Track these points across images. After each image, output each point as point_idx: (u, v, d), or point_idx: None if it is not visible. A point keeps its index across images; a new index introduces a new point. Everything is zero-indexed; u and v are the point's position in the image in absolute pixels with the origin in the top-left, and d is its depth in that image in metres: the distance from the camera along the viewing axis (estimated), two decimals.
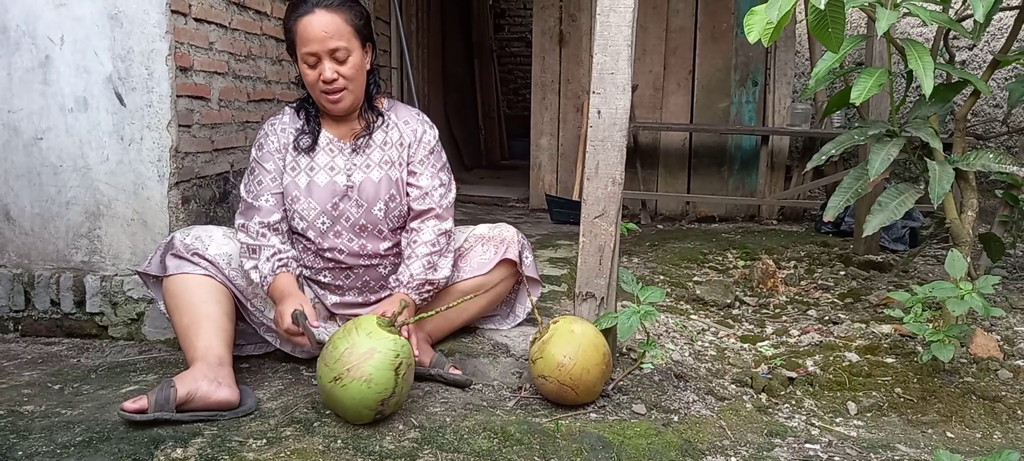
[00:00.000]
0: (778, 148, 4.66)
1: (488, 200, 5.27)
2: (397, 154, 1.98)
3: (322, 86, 1.87)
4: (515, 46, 8.86)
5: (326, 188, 1.94)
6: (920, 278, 3.07)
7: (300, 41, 1.86)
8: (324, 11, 1.84)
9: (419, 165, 1.98)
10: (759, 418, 1.84)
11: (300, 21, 1.85)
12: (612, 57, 1.88)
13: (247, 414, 1.69)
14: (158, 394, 1.60)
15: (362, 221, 1.95)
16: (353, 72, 1.89)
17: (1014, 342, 2.23)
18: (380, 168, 1.96)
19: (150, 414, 1.58)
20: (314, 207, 1.93)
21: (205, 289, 1.85)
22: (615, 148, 1.90)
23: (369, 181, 1.95)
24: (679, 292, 2.90)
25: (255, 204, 1.91)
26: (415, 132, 2.00)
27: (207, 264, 1.88)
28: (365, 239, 1.97)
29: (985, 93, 2.13)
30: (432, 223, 1.96)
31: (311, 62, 1.86)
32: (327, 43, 1.84)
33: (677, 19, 4.65)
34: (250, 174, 1.95)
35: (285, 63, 2.86)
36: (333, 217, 1.94)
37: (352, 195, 1.95)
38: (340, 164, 1.96)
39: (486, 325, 2.18)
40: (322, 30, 1.83)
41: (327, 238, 1.95)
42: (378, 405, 1.60)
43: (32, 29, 2.15)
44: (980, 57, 4.61)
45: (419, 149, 1.99)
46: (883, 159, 2.04)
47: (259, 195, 1.92)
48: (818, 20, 1.86)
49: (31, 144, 2.20)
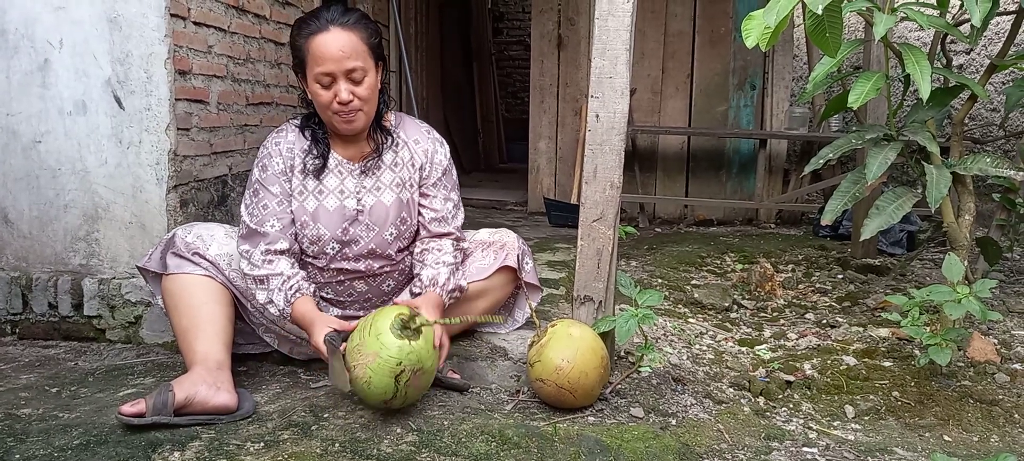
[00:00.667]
0: (776, 152, 4.67)
1: (486, 203, 5.27)
2: (408, 174, 1.95)
3: (337, 107, 1.79)
4: (513, 50, 8.88)
5: (336, 213, 1.89)
6: (918, 282, 3.07)
7: (313, 60, 1.77)
8: (340, 29, 1.76)
9: (432, 188, 1.96)
10: (757, 422, 1.84)
11: (313, 39, 1.76)
12: (610, 61, 1.89)
13: (244, 418, 1.68)
14: (156, 398, 1.60)
15: (371, 245, 1.92)
16: (368, 93, 1.81)
17: (1011, 346, 2.23)
18: (391, 190, 1.93)
19: (148, 418, 1.57)
20: (324, 233, 1.88)
21: (205, 290, 1.83)
22: (613, 152, 1.90)
23: (380, 204, 1.92)
24: (677, 295, 2.90)
25: (260, 230, 1.84)
26: (426, 152, 1.97)
27: (208, 264, 1.86)
28: (371, 260, 1.95)
29: (982, 97, 2.13)
30: (450, 243, 1.98)
31: (325, 82, 1.77)
32: (344, 63, 1.75)
33: (675, 23, 4.66)
34: (253, 196, 1.88)
35: (284, 67, 2.87)
36: (343, 242, 1.90)
37: (363, 219, 1.91)
38: (350, 187, 1.91)
39: (484, 329, 2.18)
40: (339, 49, 1.75)
41: (335, 261, 1.93)
42: (382, 404, 1.64)
43: (31, 32, 2.15)
44: (977, 61, 4.62)
45: (432, 171, 1.97)
46: (881, 163, 2.04)
47: (264, 221, 1.85)
48: (816, 25, 1.87)
49: (30, 147, 2.20)
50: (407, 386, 1.62)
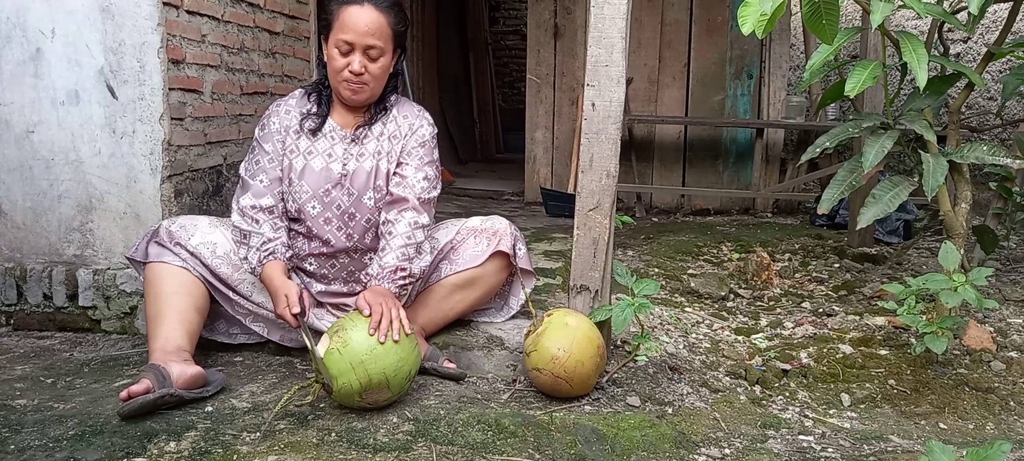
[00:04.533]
0: (773, 141, 4.66)
1: (483, 193, 5.26)
2: (390, 146, 1.98)
3: (347, 75, 1.87)
4: (510, 39, 8.84)
5: (321, 173, 1.94)
6: (914, 270, 3.08)
7: (339, 27, 1.86)
8: (373, 7, 1.86)
9: (406, 156, 1.98)
10: (753, 410, 1.84)
11: (347, 8, 1.85)
12: (606, 50, 1.88)
13: (223, 388, 1.78)
14: (154, 376, 1.62)
15: (351, 209, 1.95)
16: (380, 72, 1.90)
17: (1007, 334, 2.24)
18: (373, 158, 1.96)
19: (156, 393, 1.59)
20: (306, 190, 1.93)
21: (177, 281, 1.87)
22: (610, 141, 1.90)
23: (362, 170, 1.95)
24: (674, 285, 2.90)
25: (250, 182, 1.92)
26: (411, 125, 1.99)
27: (188, 255, 1.90)
28: (352, 229, 1.96)
29: (979, 86, 2.13)
30: (409, 215, 1.91)
31: (344, 49, 1.86)
32: (366, 39, 1.85)
33: (672, 12, 4.64)
34: (250, 153, 1.97)
35: (278, 56, 2.85)
36: (324, 203, 1.94)
37: (345, 183, 1.95)
38: (338, 152, 1.96)
39: (480, 318, 2.18)
40: (366, 25, 1.84)
41: (317, 223, 1.95)
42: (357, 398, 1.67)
43: (23, 21, 2.13)
44: (974, 49, 4.62)
45: (410, 140, 1.98)
46: (877, 152, 2.04)
47: (255, 174, 1.93)
48: (812, 12, 1.86)
49: (22, 137, 2.19)
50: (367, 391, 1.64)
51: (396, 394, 1.69)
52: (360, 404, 1.66)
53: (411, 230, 1.90)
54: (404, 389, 1.71)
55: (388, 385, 1.64)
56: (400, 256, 1.87)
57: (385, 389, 1.64)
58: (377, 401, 1.66)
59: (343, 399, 1.65)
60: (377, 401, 1.66)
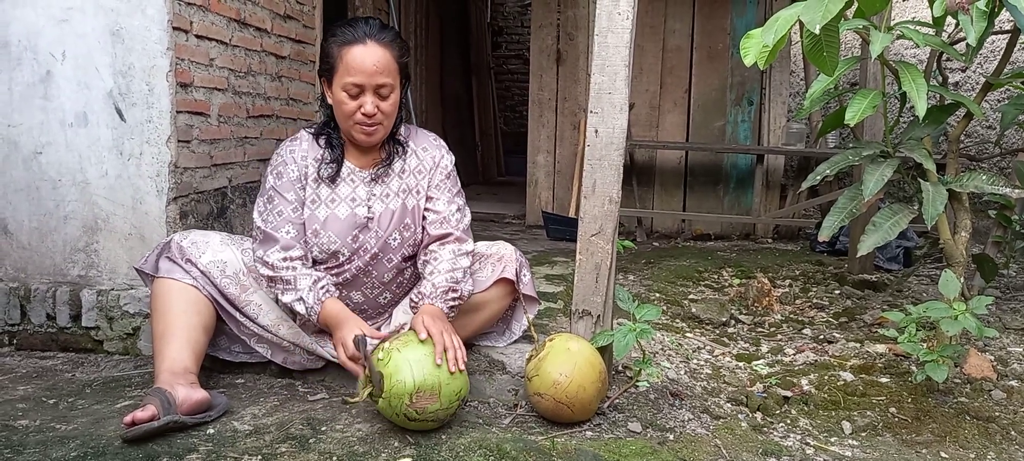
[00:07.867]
0: (773, 167, 4.69)
1: (485, 216, 5.28)
2: (415, 181, 1.98)
3: (360, 118, 1.85)
4: (512, 64, 8.92)
5: (347, 220, 1.93)
6: (914, 298, 3.08)
7: (344, 69, 1.82)
8: (376, 44, 1.83)
9: (435, 190, 1.98)
10: (754, 437, 1.84)
11: (350, 49, 1.82)
12: (609, 77, 1.90)
13: (226, 411, 1.77)
14: (159, 400, 1.61)
15: (376, 250, 1.95)
16: (392, 109, 1.88)
17: (1007, 362, 2.24)
18: (398, 196, 1.96)
19: (161, 420, 1.58)
20: (334, 240, 1.91)
21: (186, 299, 1.86)
22: (612, 167, 1.91)
23: (387, 211, 1.95)
24: (675, 310, 2.90)
25: (275, 235, 1.87)
26: (433, 158, 2.00)
27: (198, 273, 1.89)
28: (373, 266, 1.97)
29: (978, 115, 2.15)
30: (452, 246, 1.95)
31: (353, 93, 1.83)
32: (376, 78, 1.82)
33: (674, 39, 4.69)
34: (268, 203, 1.90)
35: (284, 79, 2.88)
36: (352, 249, 1.93)
37: (372, 226, 1.94)
38: (361, 195, 1.95)
39: (482, 342, 2.18)
40: (374, 64, 1.81)
41: (342, 267, 1.95)
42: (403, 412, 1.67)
43: (34, 44, 2.16)
44: (973, 79, 4.65)
45: (436, 174, 1.99)
46: (877, 180, 2.05)
47: (279, 227, 1.88)
48: (813, 44, 1.89)
49: (30, 158, 2.21)
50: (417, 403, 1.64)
51: (444, 408, 1.66)
52: (406, 411, 1.63)
53: (455, 257, 1.93)
54: (452, 408, 1.69)
55: (439, 394, 1.64)
56: (450, 278, 1.89)
57: (436, 397, 1.63)
58: (425, 409, 1.63)
59: (393, 400, 1.62)
60: (425, 409, 1.63)
